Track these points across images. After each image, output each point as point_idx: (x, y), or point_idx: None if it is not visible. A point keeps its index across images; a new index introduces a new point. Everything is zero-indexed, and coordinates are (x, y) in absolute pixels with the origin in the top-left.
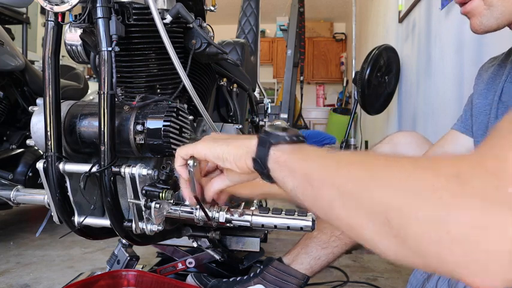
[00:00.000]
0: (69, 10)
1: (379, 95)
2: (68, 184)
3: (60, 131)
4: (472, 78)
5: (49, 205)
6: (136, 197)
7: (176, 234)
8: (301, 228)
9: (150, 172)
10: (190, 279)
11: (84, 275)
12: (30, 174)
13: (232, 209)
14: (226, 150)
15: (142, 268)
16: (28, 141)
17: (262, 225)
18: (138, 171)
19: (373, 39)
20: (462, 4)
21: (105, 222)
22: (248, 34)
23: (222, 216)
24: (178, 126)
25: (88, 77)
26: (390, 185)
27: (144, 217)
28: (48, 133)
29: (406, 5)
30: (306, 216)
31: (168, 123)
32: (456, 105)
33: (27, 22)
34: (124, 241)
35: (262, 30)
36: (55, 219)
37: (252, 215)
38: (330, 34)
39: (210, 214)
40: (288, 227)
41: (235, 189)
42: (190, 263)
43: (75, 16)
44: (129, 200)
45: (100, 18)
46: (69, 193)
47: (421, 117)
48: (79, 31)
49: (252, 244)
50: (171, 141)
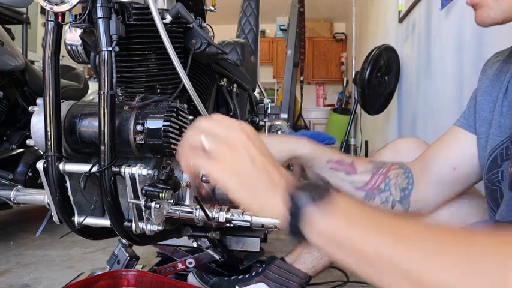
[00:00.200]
0: (69, 10)
1: (379, 95)
2: (68, 184)
3: (60, 131)
4: (472, 78)
5: (49, 205)
6: (136, 197)
7: (176, 234)
8: None
9: (150, 172)
10: (191, 277)
11: (84, 275)
12: (30, 174)
13: (232, 209)
14: (250, 202)
15: (142, 268)
16: (28, 141)
17: (262, 225)
18: (138, 171)
19: (373, 39)
20: None
21: (105, 222)
22: (248, 34)
23: (222, 216)
24: (178, 126)
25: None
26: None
27: (144, 217)
28: (48, 133)
29: (406, 5)
30: None
31: (168, 123)
32: (456, 105)
33: (27, 22)
34: (124, 241)
35: (262, 30)
36: (55, 219)
37: (252, 215)
38: (330, 34)
39: (210, 214)
40: None
41: None
42: (190, 263)
43: (75, 16)
44: (129, 200)
45: (100, 18)
46: (69, 193)
47: (421, 117)
48: (79, 31)
49: (252, 244)
50: (171, 141)
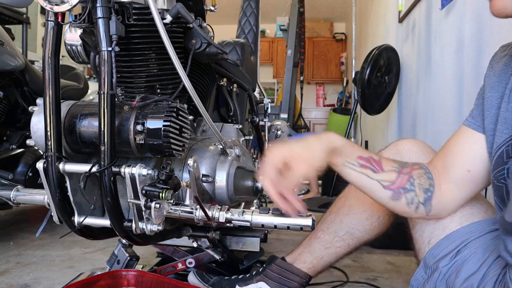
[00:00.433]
0: (69, 10)
1: (379, 95)
2: (68, 184)
3: (60, 131)
4: (472, 78)
5: (49, 205)
6: (136, 197)
7: (176, 234)
8: (301, 228)
9: (150, 172)
10: (191, 276)
11: (84, 275)
12: (30, 174)
13: (232, 209)
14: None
15: (142, 268)
16: (28, 141)
17: (262, 225)
18: (138, 171)
19: (373, 39)
20: None
21: (105, 222)
22: (248, 34)
23: (222, 216)
24: (178, 126)
25: (88, 77)
26: None
27: (144, 217)
28: (48, 133)
29: (406, 5)
30: (305, 216)
31: (168, 123)
32: (456, 105)
33: (27, 22)
34: (124, 241)
35: (262, 30)
36: (55, 219)
37: (252, 215)
38: (330, 34)
39: (210, 214)
40: (288, 227)
41: None
42: (190, 263)
43: (75, 16)
44: (129, 200)
45: (100, 18)
46: (69, 193)
47: (421, 117)
48: (79, 31)
49: (252, 244)
50: (171, 141)
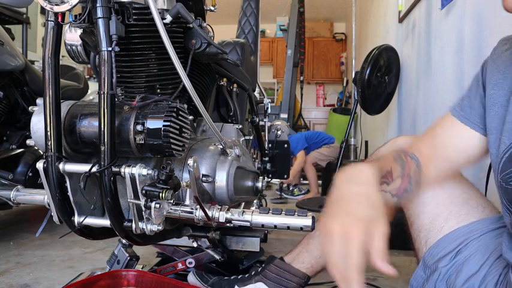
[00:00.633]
0: (69, 10)
1: (379, 95)
2: (68, 184)
3: (60, 131)
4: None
5: (49, 205)
6: (136, 197)
7: (176, 234)
8: (301, 228)
9: (150, 172)
10: (191, 276)
11: (84, 275)
12: (30, 174)
13: (232, 209)
14: None
15: (142, 268)
16: (28, 141)
17: (262, 225)
18: (138, 171)
19: (373, 39)
20: None
21: (105, 222)
22: (248, 34)
23: (222, 216)
24: (178, 126)
25: (88, 77)
26: None
27: (144, 217)
28: (48, 133)
29: (406, 5)
30: (305, 216)
31: (168, 123)
32: None
33: (27, 22)
34: (124, 241)
35: (262, 30)
36: (55, 219)
37: (252, 215)
38: (330, 34)
39: (210, 214)
40: (288, 227)
41: None
42: (190, 263)
43: (75, 16)
44: (129, 200)
45: (100, 18)
46: (69, 193)
47: (421, 117)
48: (79, 31)
49: (252, 244)
50: (171, 141)
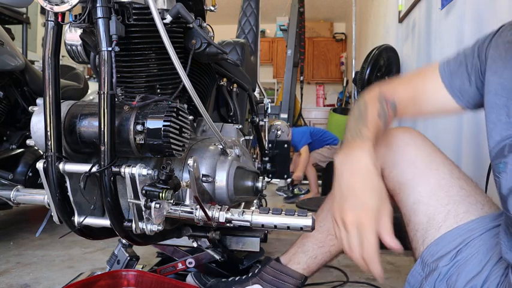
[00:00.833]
0: (69, 10)
1: None
2: (68, 184)
3: (60, 131)
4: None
5: (49, 205)
6: (136, 197)
7: (176, 234)
8: (301, 228)
9: (150, 172)
10: (189, 279)
11: (84, 275)
12: (30, 174)
13: (232, 209)
14: None
15: (142, 268)
16: (28, 141)
17: (262, 225)
18: (138, 171)
19: (373, 39)
20: None
21: (105, 222)
22: (248, 34)
23: (222, 216)
24: (178, 126)
25: (88, 77)
26: None
27: (144, 217)
28: (48, 133)
29: (406, 5)
30: (305, 216)
31: (168, 123)
32: None
33: (27, 22)
34: (124, 241)
35: (262, 30)
36: (55, 219)
37: (252, 215)
38: (330, 34)
39: (210, 214)
40: (288, 227)
41: None
42: (190, 263)
43: (75, 16)
44: (129, 200)
45: (100, 18)
46: (69, 193)
47: (421, 122)
48: (79, 31)
49: (252, 244)
50: (171, 141)
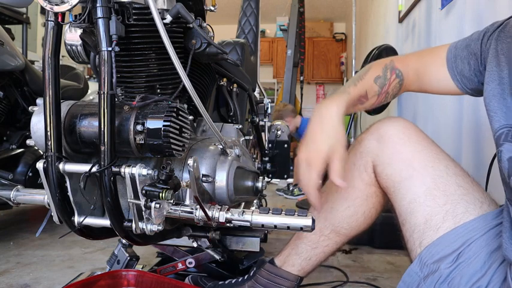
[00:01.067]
0: (69, 10)
1: None
2: (68, 184)
3: (60, 131)
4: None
5: (49, 205)
6: (136, 197)
7: (176, 234)
8: (301, 228)
9: (150, 172)
10: (187, 282)
11: (84, 275)
12: (30, 174)
13: (232, 209)
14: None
15: (142, 268)
16: (28, 141)
17: (262, 225)
18: (138, 171)
19: (373, 39)
20: None
21: (105, 222)
22: (248, 34)
23: (222, 216)
24: (178, 126)
25: (88, 77)
26: None
27: (144, 217)
28: (48, 133)
29: (406, 5)
30: (305, 216)
31: (168, 123)
32: (456, 105)
33: (27, 22)
34: (124, 241)
35: (262, 30)
36: (55, 219)
37: (252, 215)
38: (330, 34)
39: (210, 214)
40: (288, 227)
41: None
42: (190, 263)
43: (75, 16)
44: (129, 200)
45: (100, 18)
46: (69, 193)
47: (421, 117)
48: (79, 31)
49: (252, 244)
50: (171, 141)
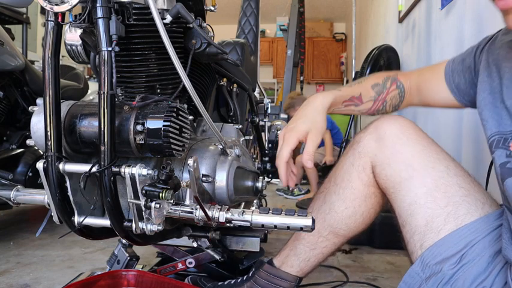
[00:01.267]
0: (69, 10)
1: None
2: (68, 184)
3: (60, 131)
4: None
5: (49, 205)
6: (136, 197)
7: (176, 234)
8: (301, 228)
9: (150, 172)
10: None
11: (84, 275)
12: (30, 174)
13: (232, 209)
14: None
15: (142, 268)
16: (28, 141)
17: (262, 225)
18: (138, 171)
19: (373, 39)
20: None
21: (105, 222)
22: (248, 34)
23: (222, 216)
24: (178, 126)
25: (88, 77)
26: None
27: (144, 217)
28: (48, 133)
29: (406, 5)
30: (305, 216)
31: (168, 123)
32: None
33: (27, 22)
34: (124, 241)
35: (262, 30)
36: (55, 219)
37: (252, 215)
38: (330, 34)
39: (210, 214)
40: (288, 227)
41: None
42: (190, 263)
43: (75, 16)
44: (129, 200)
45: (100, 18)
46: (69, 193)
47: (421, 117)
48: (79, 31)
49: (252, 244)
50: (171, 141)
